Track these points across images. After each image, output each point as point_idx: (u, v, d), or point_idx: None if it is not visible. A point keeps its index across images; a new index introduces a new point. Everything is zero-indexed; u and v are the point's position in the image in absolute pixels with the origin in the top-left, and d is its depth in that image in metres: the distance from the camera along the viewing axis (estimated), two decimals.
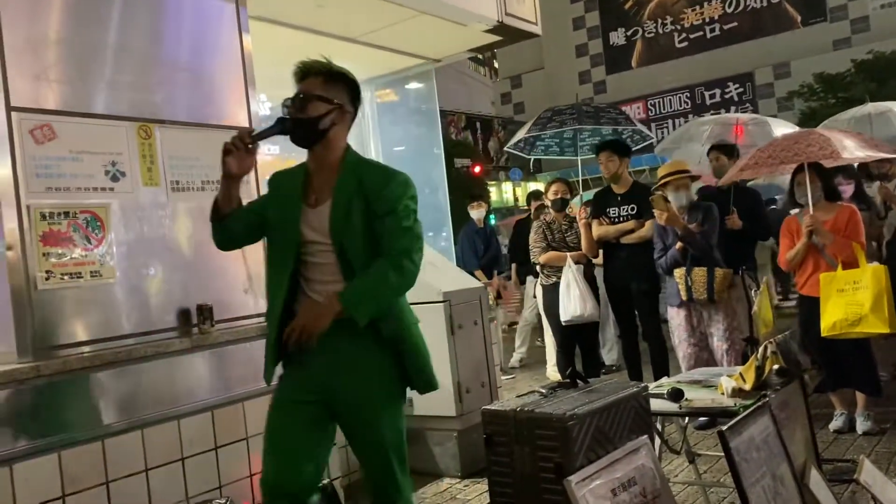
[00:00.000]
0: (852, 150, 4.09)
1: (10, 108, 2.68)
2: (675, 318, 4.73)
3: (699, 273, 4.50)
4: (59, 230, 2.76)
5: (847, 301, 4.09)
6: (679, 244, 4.59)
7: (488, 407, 2.38)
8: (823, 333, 4.12)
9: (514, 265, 7.92)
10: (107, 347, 2.83)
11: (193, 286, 3.16)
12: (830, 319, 4.11)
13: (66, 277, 2.76)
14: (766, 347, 2.90)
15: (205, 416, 3.06)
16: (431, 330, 4.39)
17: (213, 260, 3.25)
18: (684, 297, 4.57)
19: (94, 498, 2.68)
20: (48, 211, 2.74)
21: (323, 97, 2.34)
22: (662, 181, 4.73)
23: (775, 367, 2.89)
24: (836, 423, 4.46)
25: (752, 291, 4.52)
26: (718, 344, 4.53)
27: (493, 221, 8.43)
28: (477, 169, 22.47)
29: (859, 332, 4.07)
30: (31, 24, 2.79)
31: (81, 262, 2.81)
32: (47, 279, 2.71)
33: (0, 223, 2.66)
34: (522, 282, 8.05)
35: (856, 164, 5.36)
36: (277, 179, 2.51)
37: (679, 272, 4.59)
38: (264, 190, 3.54)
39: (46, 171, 2.76)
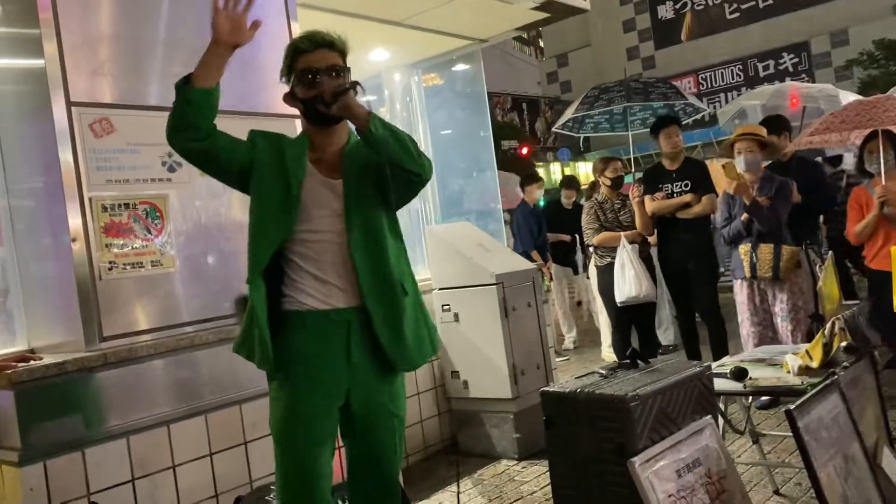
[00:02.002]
0: None
1: (70, 104, 2.75)
2: (739, 294, 4.60)
3: (765, 250, 4.35)
4: (120, 221, 2.82)
5: None
6: (745, 215, 4.44)
7: (548, 388, 2.36)
8: None
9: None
10: (169, 335, 2.90)
11: None
12: None
13: (128, 267, 2.83)
14: (833, 324, 2.81)
15: (265, 401, 3.09)
16: (484, 313, 4.38)
17: None
18: (748, 274, 4.43)
19: (161, 481, 2.75)
20: (109, 203, 2.81)
21: (348, 72, 2.20)
22: (735, 135, 4.60)
23: (843, 343, 2.81)
24: None
25: (817, 267, 4.38)
26: (783, 324, 4.39)
27: (541, 203, 8.31)
28: (524, 150, 22.31)
29: None
30: (86, 22, 2.85)
31: (142, 252, 2.88)
32: (110, 269, 2.78)
33: (64, 215, 2.72)
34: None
35: None
36: (275, 139, 2.26)
37: (744, 248, 4.43)
38: None
39: (106, 163, 2.82)
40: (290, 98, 2.27)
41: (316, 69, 2.16)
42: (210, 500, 2.90)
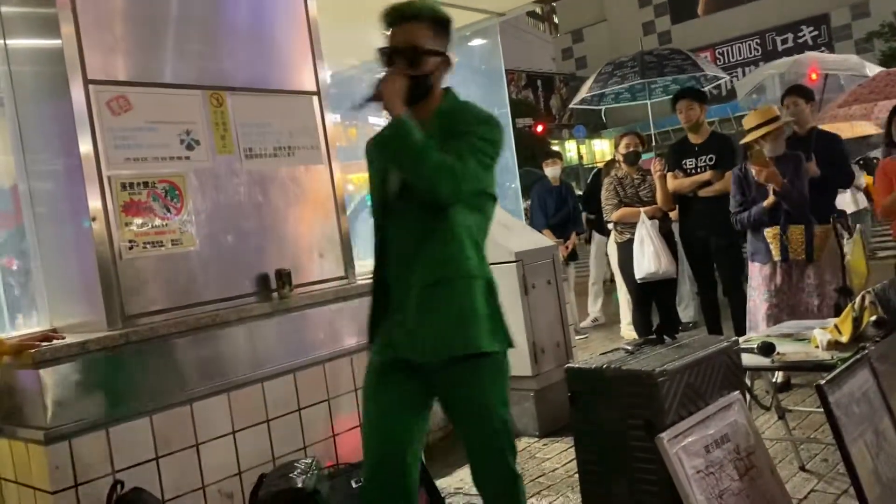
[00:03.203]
0: None
1: (87, 82, 2.73)
2: (756, 277, 4.48)
3: (796, 231, 4.18)
4: (139, 200, 2.81)
5: None
6: (769, 201, 4.28)
7: (573, 365, 2.34)
8: None
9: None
10: (191, 314, 2.89)
11: (271, 252, 3.19)
12: None
13: (148, 246, 2.82)
14: (863, 298, 2.76)
15: (287, 379, 3.11)
16: (505, 290, 4.32)
17: (288, 225, 3.28)
18: (777, 257, 4.27)
19: (185, 458, 2.76)
20: (128, 181, 2.79)
21: (432, 50, 2.05)
22: (756, 133, 4.39)
23: (873, 317, 2.75)
24: None
25: (844, 240, 4.28)
26: (808, 300, 4.29)
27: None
28: (539, 128, 22.16)
29: None
30: (102, 0, 2.82)
31: (162, 230, 2.87)
32: (130, 248, 2.77)
33: (83, 194, 2.71)
34: (588, 240, 7.89)
35: None
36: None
37: (772, 231, 4.26)
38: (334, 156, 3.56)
39: (124, 142, 2.80)
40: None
41: (389, 50, 2.08)
42: (234, 478, 2.90)
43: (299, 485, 2.50)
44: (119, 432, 2.60)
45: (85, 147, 2.70)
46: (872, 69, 6.50)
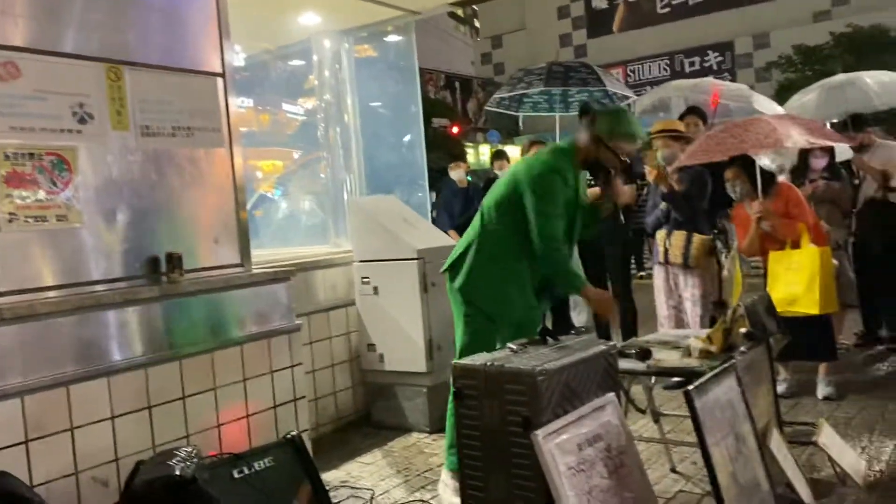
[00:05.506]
0: (796, 138, 4.14)
1: None
2: (657, 279, 4.81)
3: (678, 237, 4.57)
4: (23, 171, 2.68)
5: (788, 281, 4.21)
6: (663, 204, 4.63)
7: (459, 361, 2.39)
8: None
9: None
10: (74, 293, 2.78)
11: (162, 234, 3.10)
12: (774, 297, 4.20)
13: (30, 220, 2.69)
14: (734, 310, 2.94)
15: (172, 366, 3.03)
16: (404, 287, 4.39)
17: (182, 208, 3.20)
18: (661, 259, 4.65)
19: (59, 443, 2.65)
20: (12, 151, 2.66)
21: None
22: (653, 136, 4.80)
23: (743, 330, 2.94)
24: (780, 388, 4.55)
25: (723, 255, 4.58)
26: (693, 309, 4.59)
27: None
28: (455, 129, 22.30)
29: (795, 312, 4.16)
30: None
31: (47, 205, 2.75)
32: (10, 221, 2.64)
33: None
34: None
35: None
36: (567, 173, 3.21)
37: (661, 234, 4.66)
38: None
39: (10, 109, 2.67)
40: (594, 139, 3.14)
41: (624, 158, 3.19)
42: (110, 465, 2.81)
43: (177, 473, 2.44)
44: None
45: None
46: (759, 101, 6.90)
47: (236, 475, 2.70)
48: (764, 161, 4.43)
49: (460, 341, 3.30)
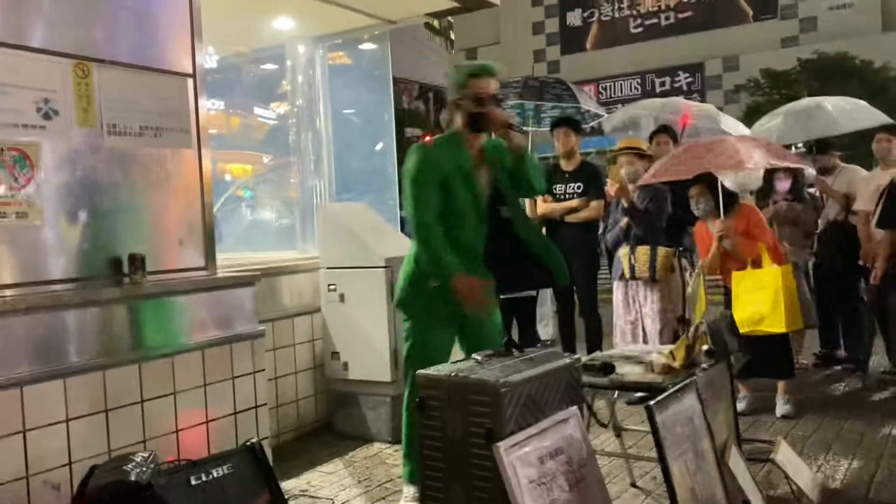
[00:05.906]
0: (758, 160, 4.22)
1: None
2: (616, 294, 4.88)
3: (643, 251, 4.65)
4: None
5: (752, 300, 4.29)
6: (624, 221, 4.72)
7: (424, 371, 2.38)
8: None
9: None
10: (31, 291, 2.72)
11: (126, 235, 3.05)
12: (739, 317, 4.27)
13: None
14: (697, 327, 2.97)
15: (131, 369, 2.98)
16: (370, 295, 4.37)
17: (147, 209, 3.15)
18: (627, 275, 4.70)
19: (9, 445, 2.58)
20: None
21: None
22: (617, 153, 4.90)
23: (704, 347, 2.97)
24: (739, 405, 4.62)
25: (688, 273, 4.65)
26: (652, 324, 4.65)
27: None
28: (427, 139, 22.35)
29: (761, 331, 4.23)
30: None
31: (7, 201, 2.68)
32: None
33: None
34: None
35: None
36: (439, 152, 3.16)
37: (624, 250, 4.73)
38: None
39: None
40: (455, 105, 3.08)
41: (484, 95, 3.02)
42: (63, 469, 2.74)
43: (132, 478, 2.39)
44: None
45: None
46: (726, 122, 7.03)
47: (193, 482, 2.65)
48: (727, 181, 4.50)
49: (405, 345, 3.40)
